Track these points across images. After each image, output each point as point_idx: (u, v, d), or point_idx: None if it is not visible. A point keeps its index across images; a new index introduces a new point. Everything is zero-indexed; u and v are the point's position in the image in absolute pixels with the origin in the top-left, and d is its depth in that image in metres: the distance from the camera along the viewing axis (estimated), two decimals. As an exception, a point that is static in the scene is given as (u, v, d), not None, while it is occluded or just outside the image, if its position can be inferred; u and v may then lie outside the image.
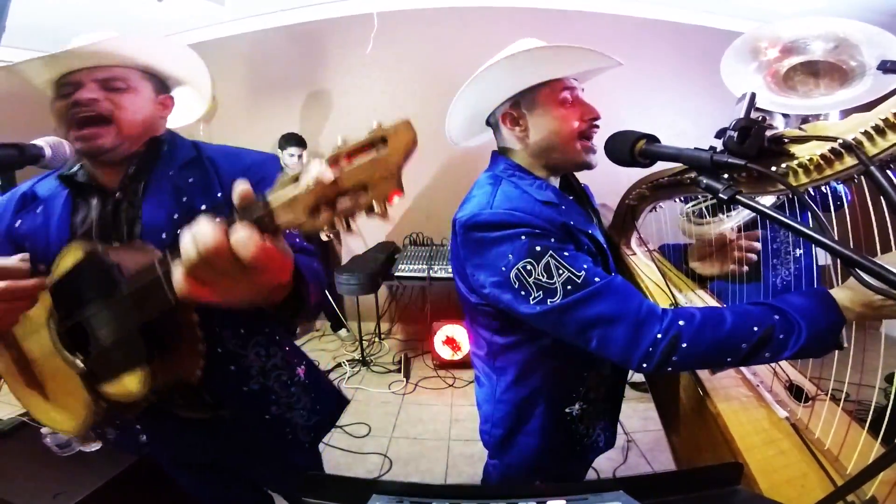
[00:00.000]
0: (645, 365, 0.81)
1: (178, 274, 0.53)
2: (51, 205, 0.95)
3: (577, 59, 0.99)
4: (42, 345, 0.84)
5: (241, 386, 1.01)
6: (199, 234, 0.49)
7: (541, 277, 0.86)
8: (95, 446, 1.34)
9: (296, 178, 0.48)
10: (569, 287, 0.84)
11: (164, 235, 0.90)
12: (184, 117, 1.15)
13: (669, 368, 0.81)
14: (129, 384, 0.74)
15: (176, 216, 0.90)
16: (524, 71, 0.97)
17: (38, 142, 1.04)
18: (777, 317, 0.77)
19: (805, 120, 1.59)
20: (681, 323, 0.80)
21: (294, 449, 1.12)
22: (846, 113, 0.72)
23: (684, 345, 0.79)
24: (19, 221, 0.96)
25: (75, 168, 0.96)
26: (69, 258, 0.78)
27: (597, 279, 0.85)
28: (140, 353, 0.71)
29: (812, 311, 0.76)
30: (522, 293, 0.88)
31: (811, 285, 1.91)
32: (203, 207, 0.91)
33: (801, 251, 1.90)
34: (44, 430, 1.30)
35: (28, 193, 0.99)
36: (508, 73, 0.96)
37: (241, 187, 0.50)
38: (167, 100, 1.01)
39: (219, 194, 0.92)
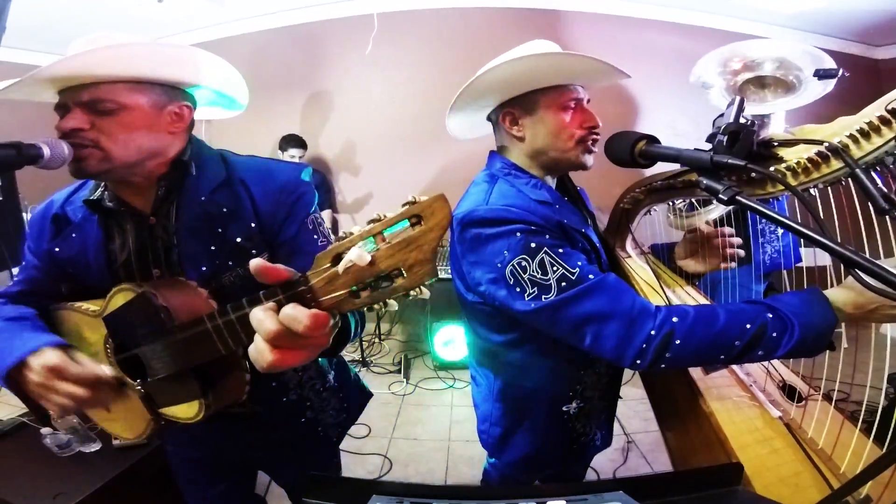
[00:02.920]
0: (639, 362, 0.82)
1: (264, 351, 0.52)
2: (84, 230, 0.93)
3: (588, 68, 0.98)
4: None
5: (280, 397, 1.06)
6: (258, 324, 0.51)
7: (536, 274, 0.86)
8: (95, 447, 1.35)
9: (335, 261, 0.49)
10: (563, 284, 0.85)
11: (203, 268, 0.88)
12: (221, 114, 1.09)
13: (663, 365, 0.81)
14: (188, 411, 0.77)
15: (213, 248, 0.89)
16: (534, 73, 0.96)
17: (37, 142, 1.05)
18: (770, 315, 0.77)
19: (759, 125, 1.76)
20: (674, 320, 0.81)
21: (323, 445, 1.19)
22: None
23: (678, 341, 0.79)
24: (58, 248, 0.94)
25: (98, 192, 0.91)
26: (119, 298, 0.79)
27: (591, 276, 0.85)
28: (194, 389, 0.74)
29: (805, 311, 0.76)
30: (517, 289, 0.88)
31: (793, 260, 2.03)
32: (238, 240, 0.89)
33: (783, 230, 2.00)
34: (44, 431, 1.30)
35: (60, 216, 0.95)
36: (518, 72, 0.96)
37: (255, 264, 0.51)
38: (182, 108, 0.90)
39: (252, 224, 0.90)
